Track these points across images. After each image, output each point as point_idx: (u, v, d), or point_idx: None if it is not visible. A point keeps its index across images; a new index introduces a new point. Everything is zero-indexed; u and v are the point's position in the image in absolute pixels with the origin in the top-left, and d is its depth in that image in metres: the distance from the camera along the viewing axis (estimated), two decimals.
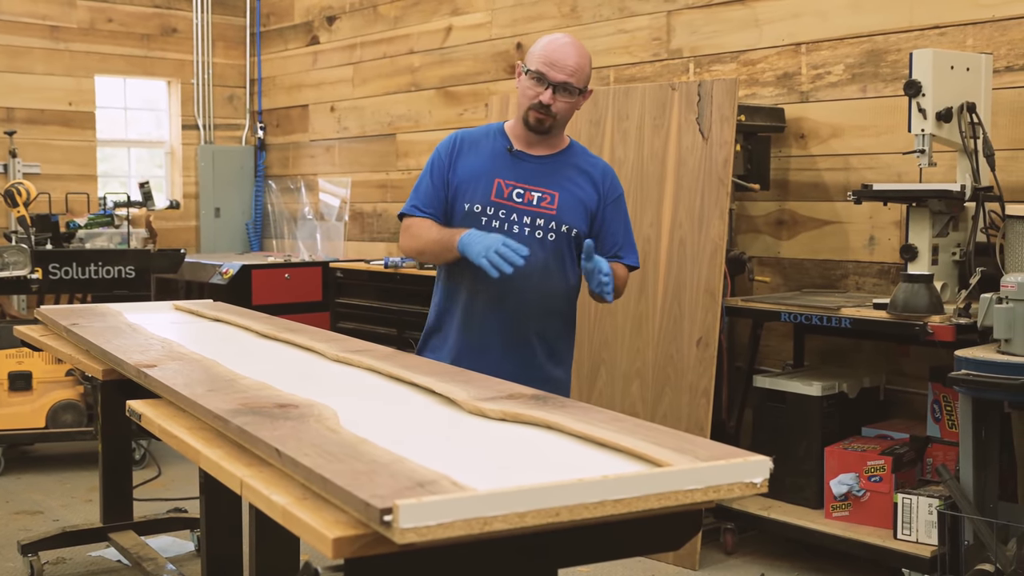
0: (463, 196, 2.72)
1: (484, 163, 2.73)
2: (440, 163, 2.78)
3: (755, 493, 1.60)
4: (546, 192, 2.71)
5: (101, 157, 7.15)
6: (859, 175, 4.12)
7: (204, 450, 1.91)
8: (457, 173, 2.75)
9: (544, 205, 2.70)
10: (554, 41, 2.66)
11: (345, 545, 1.41)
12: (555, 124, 2.68)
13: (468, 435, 1.86)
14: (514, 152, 2.73)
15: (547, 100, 2.63)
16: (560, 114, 2.66)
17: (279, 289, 6.07)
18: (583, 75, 2.65)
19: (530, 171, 2.72)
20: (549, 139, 2.74)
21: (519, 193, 2.70)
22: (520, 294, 2.67)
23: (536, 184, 2.71)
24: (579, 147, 2.83)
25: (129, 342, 2.84)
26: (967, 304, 3.32)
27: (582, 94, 2.68)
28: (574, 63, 2.63)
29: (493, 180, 2.70)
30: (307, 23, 7.11)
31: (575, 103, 2.68)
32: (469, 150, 2.77)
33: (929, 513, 3.36)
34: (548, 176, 2.72)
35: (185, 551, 3.98)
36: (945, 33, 3.89)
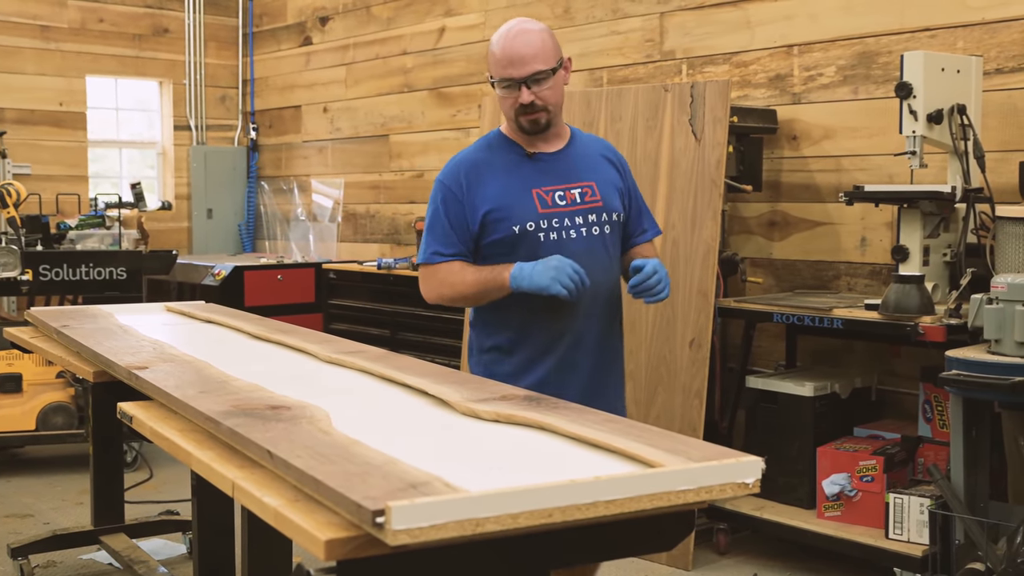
0: (505, 220, 2.48)
1: (508, 179, 2.52)
2: (451, 198, 2.53)
3: (747, 493, 1.61)
4: (584, 185, 2.55)
5: (92, 158, 7.13)
6: (851, 176, 4.13)
7: (196, 452, 1.91)
8: (481, 200, 2.51)
9: (588, 199, 2.54)
10: (502, 39, 2.49)
11: (337, 547, 1.41)
12: (551, 114, 2.52)
13: (461, 436, 1.86)
14: (534, 156, 2.56)
15: (526, 99, 2.47)
16: (549, 102, 2.49)
17: (272, 290, 6.06)
18: (547, 53, 2.47)
19: (557, 169, 2.55)
20: (554, 130, 2.57)
21: (560, 196, 2.53)
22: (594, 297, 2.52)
23: (571, 180, 2.55)
24: (580, 132, 2.70)
25: (120, 344, 2.83)
26: (958, 305, 3.33)
27: (559, 69, 2.50)
28: (531, 49, 2.45)
29: (530, 192, 2.51)
30: (300, 24, 7.10)
31: (557, 82, 2.50)
32: (483, 172, 2.54)
33: (920, 513, 3.37)
34: (576, 168, 2.57)
35: (177, 554, 3.97)
36: (936, 35, 3.90)
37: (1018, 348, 2.98)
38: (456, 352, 4.75)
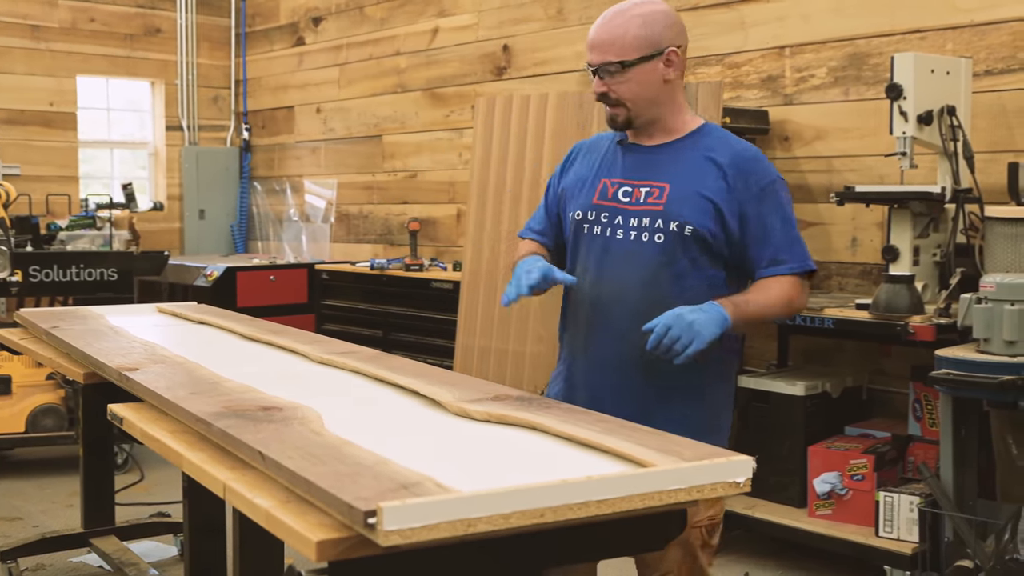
0: (569, 205, 2.34)
1: (594, 165, 2.34)
2: (554, 178, 2.42)
3: (738, 492, 1.62)
4: (655, 185, 2.23)
5: (83, 158, 7.12)
6: (842, 177, 4.15)
7: (187, 453, 1.91)
8: (566, 179, 2.39)
9: (651, 201, 2.22)
10: (599, 18, 2.25)
11: (329, 548, 1.41)
12: (634, 113, 2.24)
13: (453, 437, 1.86)
14: (625, 144, 2.31)
15: (597, 89, 2.24)
16: (625, 97, 2.22)
17: (264, 291, 6.05)
18: (626, 43, 2.18)
19: (639, 163, 2.28)
20: (666, 125, 2.27)
21: (626, 191, 2.26)
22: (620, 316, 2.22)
23: (645, 178, 2.25)
24: (714, 130, 2.31)
25: (111, 345, 2.83)
26: (947, 304, 3.34)
27: (640, 63, 2.19)
28: (605, 36, 2.20)
29: (599, 181, 2.31)
30: (293, 24, 7.09)
31: (639, 76, 2.20)
32: (586, 155, 2.39)
33: (910, 511, 3.38)
34: (661, 167, 2.25)
35: (168, 556, 3.96)
36: (926, 37, 3.92)
37: (1007, 347, 2.99)
38: (449, 352, 4.76)
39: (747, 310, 2.16)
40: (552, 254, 2.43)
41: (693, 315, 2.07)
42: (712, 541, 2.22)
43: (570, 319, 2.34)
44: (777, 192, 2.24)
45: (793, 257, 2.23)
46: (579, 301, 2.30)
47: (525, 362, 4.36)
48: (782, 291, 2.22)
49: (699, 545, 2.20)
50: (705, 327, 2.07)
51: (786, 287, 2.22)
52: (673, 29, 2.22)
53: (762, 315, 2.21)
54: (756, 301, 2.19)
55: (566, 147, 2.89)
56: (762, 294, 2.21)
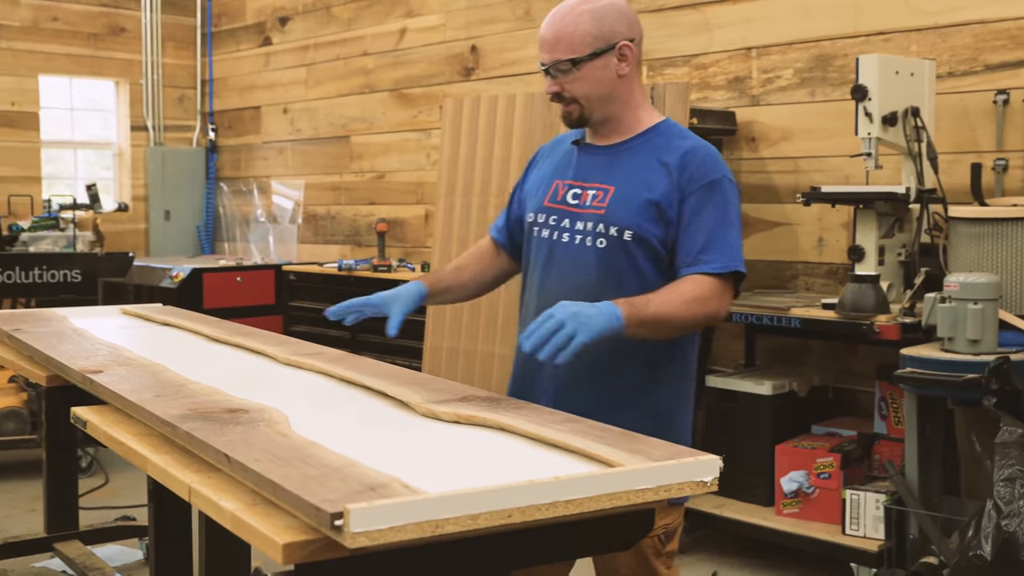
0: (527, 207, 2.29)
1: (552, 166, 2.28)
2: (520, 179, 2.38)
3: (706, 492, 1.62)
4: (601, 188, 2.16)
5: (46, 159, 7.04)
6: (808, 177, 4.18)
7: (152, 456, 1.89)
8: (527, 184, 2.34)
9: (595, 204, 2.14)
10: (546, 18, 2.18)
11: (295, 550, 1.40)
12: (588, 110, 2.16)
13: (420, 438, 1.85)
14: (581, 144, 2.24)
15: (549, 89, 2.16)
16: (581, 96, 2.13)
17: (231, 293, 6.01)
18: (576, 40, 2.11)
19: (591, 165, 2.20)
20: (621, 123, 2.18)
21: (575, 194, 2.19)
22: None
23: (595, 180, 2.17)
24: (669, 128, 2.21)
25: (75, 348, 2.79)
26: (912, 303, 3.38)
27: (591, 59, 2.11)
28: (554, 33, 2.12)
29: (553, 182, 2.24)
30: (259, 24, 7.05)
31: (591, 74, 2.12)
32: (548, 156, 2.33)
33: (876, 508, 3.41)
34: (610, 168, 2.17)
35: (133, 560, 3.93)
36: (890, 39, 3.96)
37: (970, 346, 3.03)
38: (417, 354, 4.74)
39: (645, 311, 1.98)
40: (510, 254, 2.41)
41: (579, 307, 1.93)
42: (667, 549, 2.17)
43: (520, 323, 2.28)
44: (719, 191, 2.10)
45: (718, 258, 2.06)
46: (526, 305, 2.27)
47: (493, 363, 4.36)
48: (694, 291, 2.04)
49: (652, 553, 2.15)
50: (592, 319, 1.91)
51: (701, 287, 2.04)
52: (625, 22, 2.16)
53: (666, 317, 2.01)
54: (658, 301, 2.01)
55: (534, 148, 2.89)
56: (668, 293, 2.04)
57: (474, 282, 2.42)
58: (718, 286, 2.06)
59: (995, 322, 3.06)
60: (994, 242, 3.26)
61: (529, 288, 2.27)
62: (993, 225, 3.27)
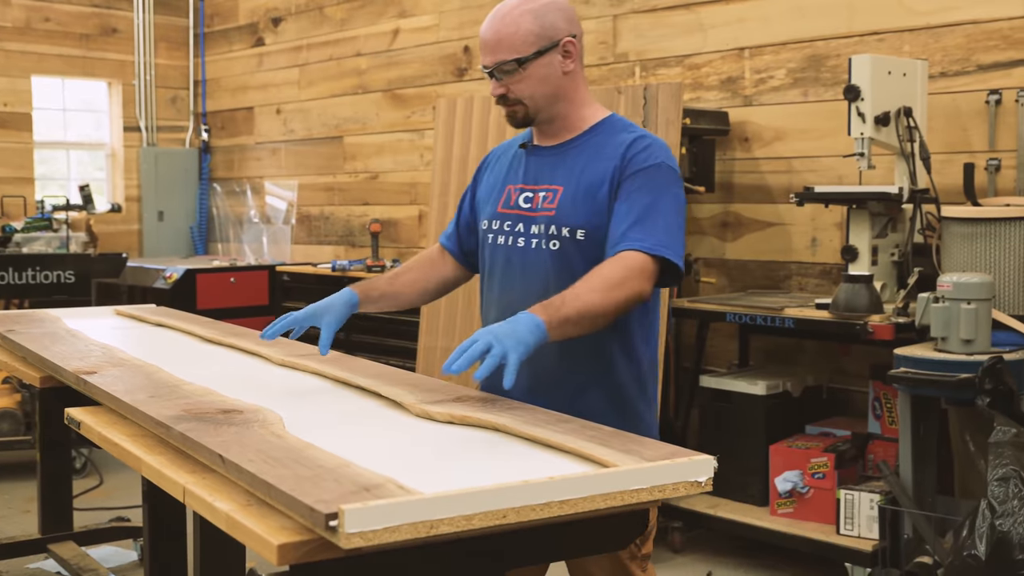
0: (481, 215, 2.27)
1: (503, 171, 2.26)
2: (469, 186, 2.36)
3: (700, 492, 1.62)
4: (550, 189, 2.14)
5: (39, 159, 7.02)
6: (801, 178, 4.18)
7: (146, 457, 1.88)
8: (480, 191, 2.32)
9: (546, 206, 2.12)
10: (484, 22, 2.15)
11: (290, 551, 1.40)
12: (534, 110, 2.14)
13: (415, 438, 1.85)
14: (528, 147, 2.22)
15: (494, 91, 2.14)
16: (526, 96, 2.12)
17: (224, 293, 6.00)
18: (517, 40, 2.08)
19: (539, 166, 2.18)
20: (567, 122, 2.17)
21: (527, 197, 2.17)
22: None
23: (544, 181, 2.16)
24: (613, 123, 2.18)
25: (68, 348, 2.79)
26: (906, 303, 3.39)
27: (536, 57, 2.09)
28: (497, 35, 2.09)
29: (505, 188, 2.22)
30: (252, 24, 7.04)
31: (535, 73, 2.10)
32: (497, 161, 2.31)
33: (870, 508, 3.42)
34: (558, 168, 2.15)
35: (128, 561, 3.93)
36: (883, 39, 3.96)
37: (964, 346, 3.03)
38: (411, 354, 4.74)
39: (564, 310, 1.91)
40: (458, 261, 2.38)
41: (500, 327, 1.87)
42: (642, 552, 2.15)
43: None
44: (658, 176, 2.04)
45: (644, 237, 1.97)
46: (486, 314, 2.24)
47: None
48: (611, 274, 1.94)
49: (627, 556, 2.12)
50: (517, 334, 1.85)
51: (616, 268, 1.95)
52: (565, 18, 2.12)
53: (587, 309, 1.92)
54: (573, 296, 1.92)
55: None
56: (583, 284, 1.95)
57: (411, 289, 2.39)
58: (637, 266, 1.97)
59: (988, 322, 3.06)
60: (987, 242, 3.27)
61: (488, 297, 2.25)
62: (986, 225, 3.27)
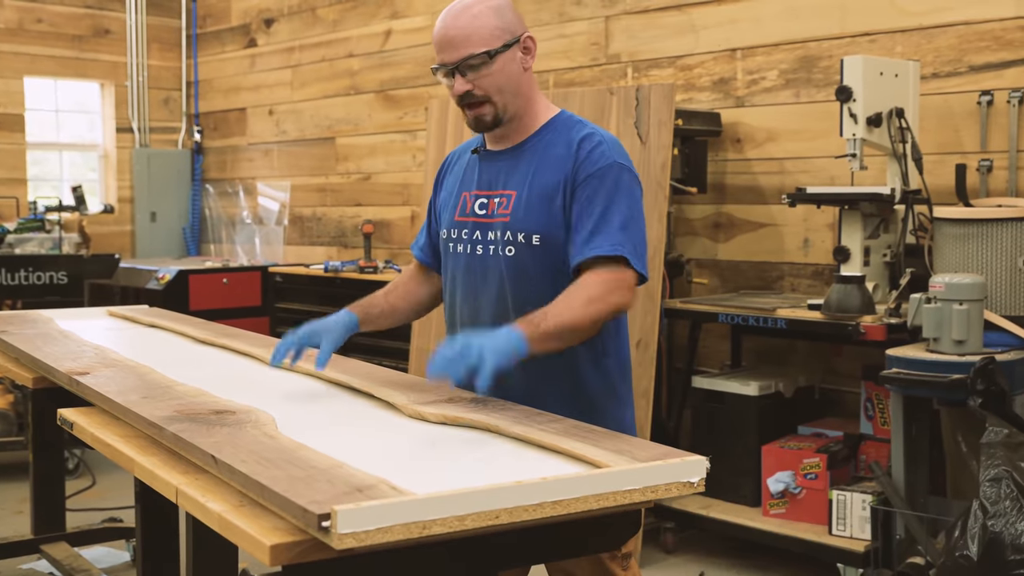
0: (440, 223, 2.27)
1: (458, 178, 2.25)
2: (432, 194, 2.34)
3: (692, 492, 1.63)
4: (504, 194, 2.12)
5: (31, 160, 7.01)
6: (793, 178, 4.19)
7: (139, 458, 1.88)
8: (440, 198, 2.30)
9: (501, 211, 2.11)
10: (440, 18, 2.12)
11: (283, 552, 1.40)
12: (502, 108, 2.11)
13: (407, 439, 1.85)
14: (481, 152, 2.21)
15: (459, 89, 2.08)
16: (491, 91, 2.08)
17: (217, 294, 5.99)
18: (485, 33, 2.06)
19: (492, 171, 2.16)
20: (521, 122, 2.14)
21: (482, 203, 2.15)
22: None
23: (498, 186, 2.14)
24: (562, 121, 2.15)
25: (61, 349, 2.79)
26: (898, 304, 3.39)
27: (504, 50, 2.07)
28: (461, 30, 2.06)
29: (461, 195, 2.21)
30: (244, 25, 7.04)
31: (503, 68, 2.08)
32: (454, 165, 2.29)
33: (863, 509, 3.42)
34: (510, 172, 2.13)
35: (120, 561, 3.92)
36: (875, 40, 3.97)
37: (956, 346, 3.04)
38: (404, 355, 4.74)
39: (545, 326, 1.94)
40: (438, 271, 2.36)
41: (477, 339, 1.89)
42: (623, 551, 2.14)
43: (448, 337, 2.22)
44: (609, 177, 2.03)
45: (605, 242, 1.98)
46: (449, 321, 2.25)
47: None
48: (589, 290, 1.98)
49: (607, 556, 2.11)
50: (496, 342, 1.89)
51: (593, 285, 1.98)
52: (518, 17, 2.14)
53: (568, 324, 1.95)
54: (555, 312, 1.96)
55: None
56: (563, 301, 1.98)
57: (406, 303, 2.40)
58: (611, 279, 1.99)
59: (980, 323, 3.07)
60: (979, 243, 3.28)
61: (451, 305, 2.25)
62: (978, 226, 3.29)
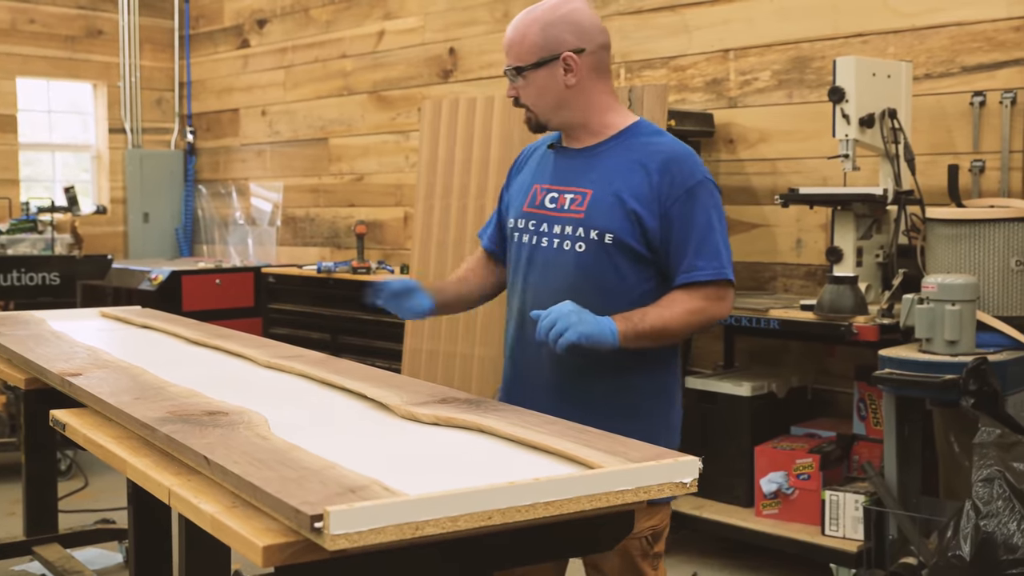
0: (509, 213, 2.32)
1: (532, 171, 2.30)
2: (505, 184, 2.40)
3: (685, 493, 1.63)
4: (578, 191, 2.17)
5: (24, 161, 6.99)
6: (786, 179, 4.20)
7: (131, 459, 1.88)
8: (511, 188, 2.36)
9: (574, 208, 2.16)
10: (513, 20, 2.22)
11: (275, 553, 1.40)
12: (540, 117, 2.19)
13: (400, 440, 1.85)
14: (556, 148, 2.26)
15: (509, 94, 2.21)
16: (530, 103, 2.18)
17: (210, 295, 5.99)
18: (524, 48, 2.15)
19: (567, 169, 2.21)
20: (589, 127, 2.19)
21: (552, 198, 2.20)
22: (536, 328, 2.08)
23: (571, 183, 2.19)
24: (643, 129, 2.20)
25: (53, 350, 2.78)
26: (890, 305, 3.40)
27: (535, 68, 2.15)
28: (507, 40, 2.19)
29: (532, 187, 2.26)
30: (237, 26, 7.03)
31: (537, 82, 2.16)
32: (528, 159, 2.35)
33: (855, 509, 3.43)
34: (586, 171, 2.18)
35: (113, 563, 3.91)
36: (868, 41, 3.98)
37: (948, 347, 3.05)
38: (397, 356, 4.74)
39: (641, 324, 2.05)
40: (499, 260, 2.42)
41: (579, 311, 2.01)
42: (654, 550, 2.19)
43: (506, 329, 2.33)
44: (703, 194, 2.12)
45: (707, 264, 2.10)
46: (510, 311, 2.30)
47: (473, 365, 4.35)
48: (688, 302, 2.10)
49: (639, 555, 2.16)
50: (584, 325, 2.00)
51: (695, 298, 2.10)
52: (575, 32, 2.15)
53: (663, 330, 2.07)
54: (653, 315, 2.07)
55: (512, 150, 2.87)
56: (665, 308, 2.09)
57: (479, 291, 2.46)
58: (711, 293, 2.12)
59: (973, 323, 3.08)
60: (971, 243, 3.29)
61: (512, 292, 2.30)
62: (970, 226, 3.29)
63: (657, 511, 2.17)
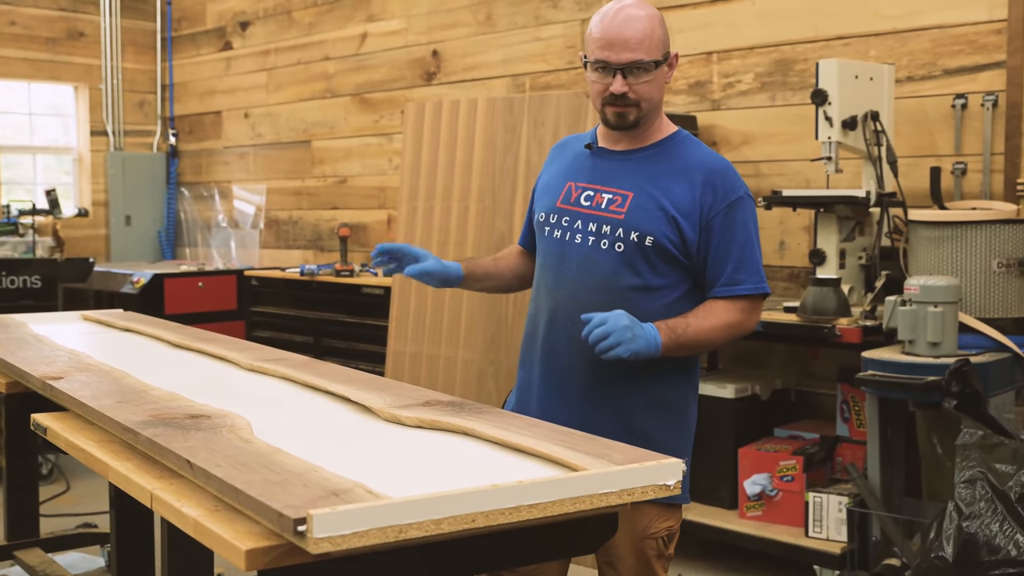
0: (537, 205, 2.36)
1: (564, 167, 2.34)
2: (536, 183, 2.44)
3: (668, 495, 1.63)
4: (618, 193, 2.21)
5: (5, 164, 6.95)
6: (769, 181, 4.21)
7: (113, 463, 1.87)
8: (539, 185, 2.40)
9: (613, 208, 2.20)
10: (605, 18, 2.18)
11: (258, 557, 1.39)
12: (644, 113, 2.21)
13: (384, 443, 1.85)
14: (594, 149, 2.30)
15: (619, 89, 2.16)
16: (645, 99, 2.18)
17: (192, 298, 5.96)
18: (654, 43, 2.16)
19: (607, 170, 2.26)
20: (640, 131, 2.25)
21: (588, 196, 2.24)
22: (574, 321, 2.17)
23: (610, 184, 2.23)
24: (686, 139, 2.28)
25: (34, 354, 2.76)
26: (873, 307, 3.41)
27: (663, 64, 2.19)
28: (638, 34, 2.15)
29: (565, 184, 2.30)
30: (220, 28, 7.00)
31: (658, 78, 2.19)
32: (560, 155, 2.40)
33: (839, 511, 3.44)
34: (627, 174, 2.23)
35: (95, 567, 3.88)
36: (850, 44, 4.00)
37: (930, 348, 3.06)
38: (380, 359, 4.73)
39: (683, 336, 2.13)
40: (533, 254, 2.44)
41: (633, 327, 2.07)
42: (668, 551, 2.22)
43: (529, 324, 2.34)
44: (744, 209, 2.19)
45: (749, 279, 2.18)
46: (538, 305, 2.31)
47: (456, 368, 4.35)
48: (728, 315, 2.17)
49: (654, 556, 2.19)
50: (636, 342, 2.07)
51: (733, 311, 2.18)
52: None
53: (701, 340, 2.16)
54: (695, 326, 2.14)
55: (495, 152, 2.87)
56: (704, 319, 2.16)
57: (511, 272, 2.50)
58: (748, 306, 2.21)
59: (955, 325, 3.10)
60: (953, 245, 3.31)
61: (540, 287, 2.32)
62: (952, 228, 3.31)
63: (673, 512, 2.22)
